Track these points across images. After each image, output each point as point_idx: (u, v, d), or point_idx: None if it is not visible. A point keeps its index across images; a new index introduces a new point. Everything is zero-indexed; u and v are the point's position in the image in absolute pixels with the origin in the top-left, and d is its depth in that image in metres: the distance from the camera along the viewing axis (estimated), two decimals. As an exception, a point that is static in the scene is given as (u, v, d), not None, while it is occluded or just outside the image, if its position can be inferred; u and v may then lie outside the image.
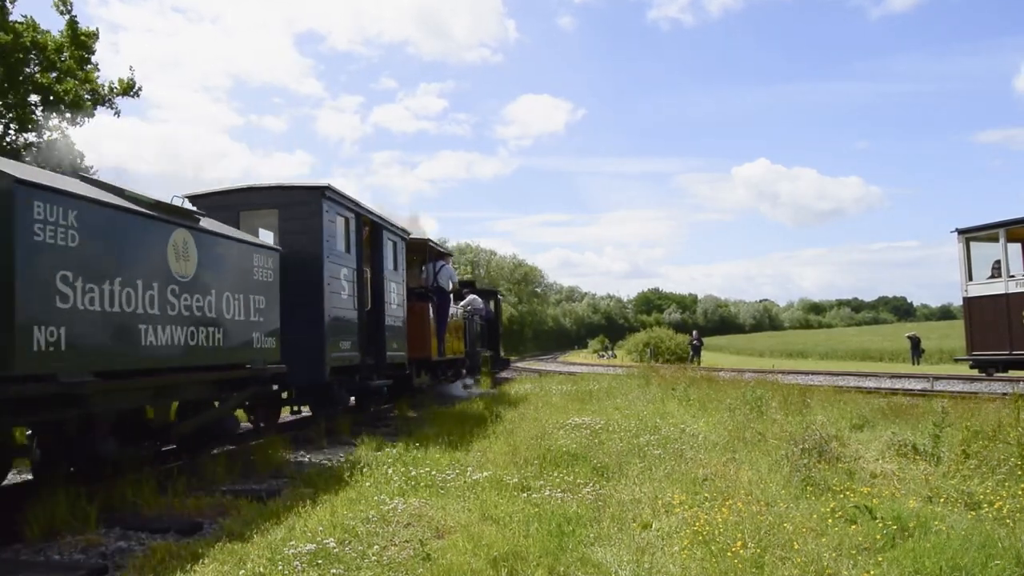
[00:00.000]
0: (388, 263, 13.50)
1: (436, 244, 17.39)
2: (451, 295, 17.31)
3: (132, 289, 6.34)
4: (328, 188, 10.76)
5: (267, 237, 10.94)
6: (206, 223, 7.83)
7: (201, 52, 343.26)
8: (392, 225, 13.92)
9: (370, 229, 12.89)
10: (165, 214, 7.03)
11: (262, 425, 11.19)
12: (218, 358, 7.68)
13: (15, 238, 5.12)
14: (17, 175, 5.22)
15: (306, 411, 12.37)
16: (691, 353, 41.73)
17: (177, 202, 7.72)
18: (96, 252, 5.94)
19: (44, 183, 5.50)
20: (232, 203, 10.66)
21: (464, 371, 20.08)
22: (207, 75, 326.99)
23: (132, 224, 6.46)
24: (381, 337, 12.92)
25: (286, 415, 12.62)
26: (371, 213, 12.66)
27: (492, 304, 24.45)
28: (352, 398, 13.13)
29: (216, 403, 8.30)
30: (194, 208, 8.30)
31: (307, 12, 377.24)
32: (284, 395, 10.43)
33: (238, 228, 9.50)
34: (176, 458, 8.57)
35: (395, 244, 14.08)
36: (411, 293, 15.25)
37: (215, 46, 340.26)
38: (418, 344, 15.23)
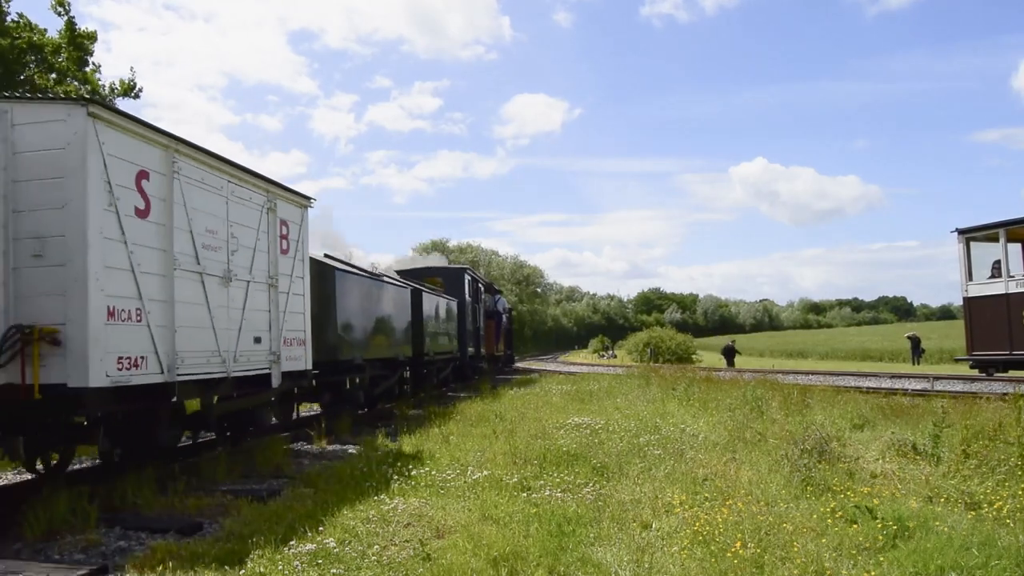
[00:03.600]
0: (480, 300, 26.19)
1: (495, 285, 34.55)
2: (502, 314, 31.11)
3: (438, 323, 19.33)
4: (468, 268, 25.63)
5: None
6: (445, 295, 20.60)
7: (195, 50, 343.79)
8: (482, 278, 28.58)
9: (475, 282, 25.56)
10: (443, 294, 20.44)
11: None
12: (446, 350, 20.16)
13: (422, 309, 17.43)
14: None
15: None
16: (726, 358, 39.55)
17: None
18: (434, 311, 18.95)
19: (425, 290, 18.13)
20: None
21: (500, 363, 32.51)
22: (201, 73, 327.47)
23: (438, 299, 19.62)
24: (478, 340, 25.24)
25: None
26: (476, 274, 26.86)
27: (507, 316, 35.49)
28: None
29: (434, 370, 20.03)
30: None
31: (300, 10, 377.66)
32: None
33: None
34: (180, 456, 8.61)
35: (481, 287, 27.30)
36: (484, 313, 27.19)
37: (209, 44, 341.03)
38: (488, 345, 27.89)
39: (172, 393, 7.09)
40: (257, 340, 8.79)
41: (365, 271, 14.96)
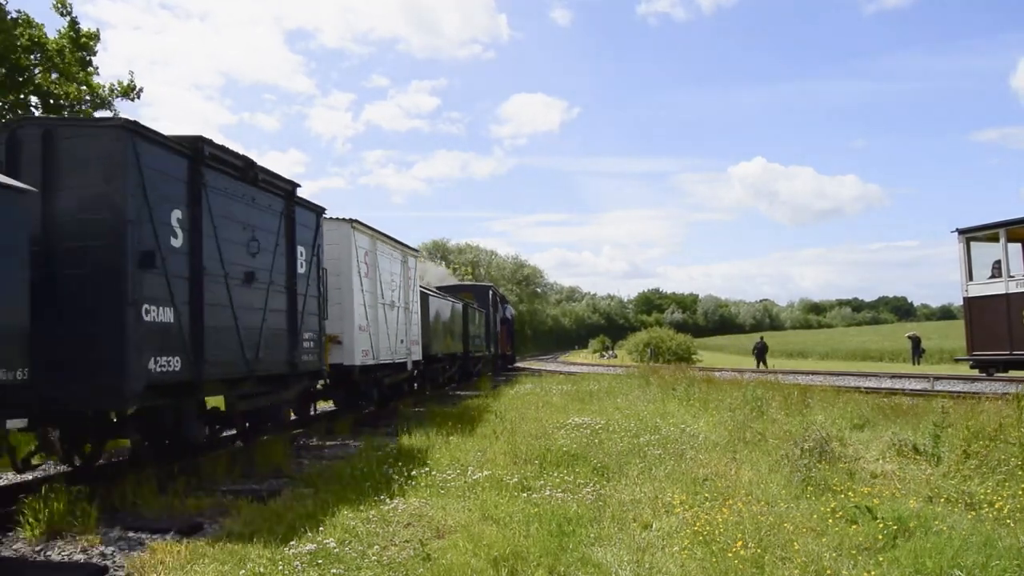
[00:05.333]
0: (498, 309, 34.06)
1: (505, 296, 44.46)
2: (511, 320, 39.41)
3: (476, 329, 27.06)
4: (492, 285, 36.44)
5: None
6: (478, 307, 28.26)
7: (191, 49, 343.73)
8: (499, 290, 41.00)
9: (496, 295, 33.33)
10: (477, 307, 27.94)
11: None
12: (480, 349, 27.84)
13: (467, 318, 25.07)
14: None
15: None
16: (756, 358, 39.17)
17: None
18: (475, 319, 26.80)
19: (469, 304, 26.08)
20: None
21: (506, 362, 38.13)
22: (198, 73, 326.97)
23: (476, 311, 27.35)
24: (497, 342, 33.04)
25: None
26: (496, 289, 37.38)
27: (511, 320, 41.60)
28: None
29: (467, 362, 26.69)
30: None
31: (296, 9, 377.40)
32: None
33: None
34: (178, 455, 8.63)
35: (499, 297, 35.82)
36: (499, 320, 34.19)
37: (205, 43, 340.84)
38: (502, 346, 35.16)
39: (377, 371, 13.66)
40: (401, 341, 15.29)
41: (439, 292, 23.01)
